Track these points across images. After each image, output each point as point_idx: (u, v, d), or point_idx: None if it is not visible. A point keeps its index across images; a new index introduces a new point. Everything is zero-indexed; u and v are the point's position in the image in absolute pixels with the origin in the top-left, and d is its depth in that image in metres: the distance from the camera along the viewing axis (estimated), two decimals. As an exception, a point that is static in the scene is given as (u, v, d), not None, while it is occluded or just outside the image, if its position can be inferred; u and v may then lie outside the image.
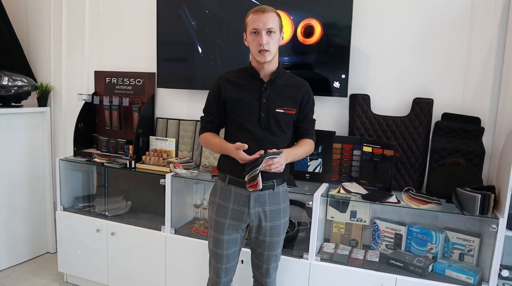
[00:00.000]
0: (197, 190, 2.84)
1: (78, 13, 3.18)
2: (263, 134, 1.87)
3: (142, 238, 2.64)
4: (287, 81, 1.94)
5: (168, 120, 2.91)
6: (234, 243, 1.96)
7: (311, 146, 2.00)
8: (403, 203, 2.17)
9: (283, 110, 1.89)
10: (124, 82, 3.03)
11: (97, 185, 3.20)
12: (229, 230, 1.93)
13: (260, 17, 1.79)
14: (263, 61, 1.83)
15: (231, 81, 1.92)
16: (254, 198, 1.89)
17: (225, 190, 1.94)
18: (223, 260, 1.96)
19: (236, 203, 1.91)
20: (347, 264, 2.22)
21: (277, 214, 1.95)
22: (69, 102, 3.29)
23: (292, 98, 1.92)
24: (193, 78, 2.74)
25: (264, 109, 1.87)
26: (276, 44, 1.85)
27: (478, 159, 2.22)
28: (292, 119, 1.94)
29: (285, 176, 1.99)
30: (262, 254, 1.99)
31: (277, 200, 1.95)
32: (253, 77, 1.90)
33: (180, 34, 2.71)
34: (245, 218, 1.92)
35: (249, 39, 1.86)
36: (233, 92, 1.90)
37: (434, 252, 2.26)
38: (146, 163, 2.74)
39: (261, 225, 1.93)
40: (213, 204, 1.98)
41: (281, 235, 1.99)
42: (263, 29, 1.79)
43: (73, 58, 3.26)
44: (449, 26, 2.28)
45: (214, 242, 1.97)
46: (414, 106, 2.32)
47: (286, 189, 2.02)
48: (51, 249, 3.38)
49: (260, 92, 1.88)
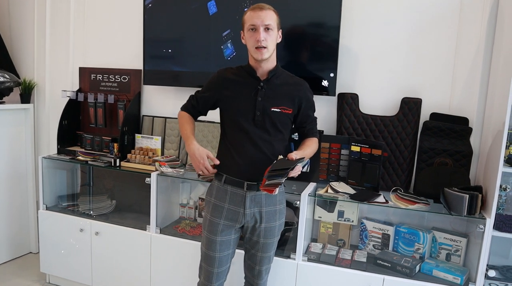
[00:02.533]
0: (183, 189, 2.80)
1: (63, 8, 3.11)
2: (258, 133, 1.84)
3: (127, 237, 2.59)
4: (285, 80, 1.91)
5: (154, 118, 2.87)
6: (227, 245, 1.92)
7: (317, 144, 1.98)
8: (391, 203, 2.16)
9: (279, 109, 1.86)
10: (109, 79, 2.97)
11: (81, 184, 3.13)
12: (223, 231, 1.90)
13: (258, 13, 1.77)
14: (260, 59, 1.80)
15: (229, 78, 1.90)
16: (250, 198, 1.86)
17: (221, 190, 1.90)
18: (215, 264, 1.92)
19: (232, 203, 1.88)
20: (334, 264, 2.20)
21: (273, 215, 1.92)
22: (53, 99, 3.22)
23: (289, 98, 1.89)
24: (180, 75, 2.70)
25: (259, 108, 1.84)
26: (274, 41, 1.83)
27: (465, 159, 2.22)
28: (289, 119, 1.91)
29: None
30: (255, 255, 1.96)
31: (274, 201, 1.92)
32: (250, 75, 1.87)
33: (167, 30, 2.66)
34: (240, 219, 1.88)
35: (246, 36, 1.83)
36: (229, 90, 1.88)
37: (422, 252, 2.25)
38: (131, 161, 2.69)
39: (256, 226, 1.90)
40: (209, 203, 1.95)
41: (276, 237, 1.96)
42: (261, 26, 1.77)
43: (57, 54, 3.19)
44: (438, 26, 2.28)
45: (207, 243, 1.92)
46: (402, 105, 2.31)
47: (283, 190, 1.98)
48: (33, 249, 3.31)
49: (256, 91, 1.85)
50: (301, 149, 1.89)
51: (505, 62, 2.01)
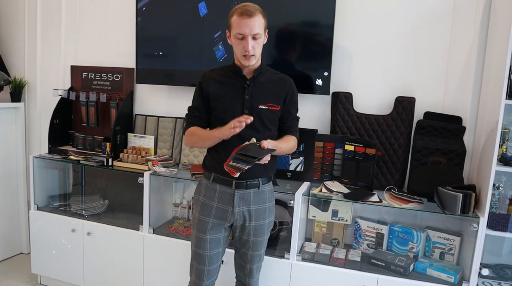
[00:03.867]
0: (176, 189, 2.78)
1: (54, 5, 3.07)
2: (246, 132, 1.81)
3: (120, 238, 2.56)
4: (271, 77, 1.91)
5: (147, 117, 2.84)
6: (217, 243, 1.91)
7: (295, 143, 1.95)
8: (385, 202, 2.16)
9: (267, 106, 1.86)
10: (101, 78, 2.94)
11: (73, 183, 3.10)
12: (212, 229, 1.89)
13: (246, 22, 1.73)
14: (248, 65, 1.82)
15: (214, 78, 1.89)
16: (238, 196, 1.85)
17: (210, 188, 1.89)
18: (206, 262, 1.91)
19: (220, 201, 1.87)
20: (328, 263, 2.19)
21: (262, 213, 1.91)
22: (44, 97, 3.18)
23: (275, 94, 1.89)
24: (173, 74, 2.67)
25: (247, 106, 1.84)
26: (261, 47, 1.83)
27: (459, 158, 2.22)
28: (277, 116, 1.90)
29: (270, 174, 1.95)
30: (245, 254, 1.95)
31: (262, 199, 1.91)
32: (236, 74, 1.87)
33: (160, 29, 2.64)
34: (229, 217, 1.87)
35: (233, 42, 1.82)
36: (216, 89, 1.87)
37: (416, 251, 2.25)
38: (124, 160, 2.66)
39: (245, 224, 1.89)
40: (197, 202, 1.94)
41: (265, 235, 1.96)
42: (249, 35, 1.75)
43: (48, 52, 3.14)
44: (431, 25, 2.28)
45: (197, 242, 1.92)
46: (396, 104, 2.31)
47: (271, 188, 1.98)
48: (24, 249, 3.27)
49: (243, 89, 1.85)
50: (277, 141, 1.85)
51: (498, 61, 2.01)
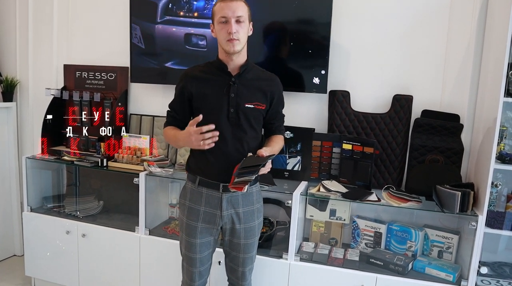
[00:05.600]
0: (172, 189, 2.75)
1: (46, 2, 3.01)
2: (233, 132, 1.78)
3: (115, 239, 2.53)
4: (257, 75, 1.86)
5: (142, 117, 2.80)
6: (207, 246, 1.89)
7: (283, 142, 1.96)
8: (383, 201, 2.14)
9: (253, 105, 1.80)
10: (95, 77, 2.89)
11: (67, 184, 3.05)
12: (201, 233, 1.85)
13: (229, 4, 1.71)
14: (232, 51, 1.74)
15: (197, 77, 1.83)
16: (226, 199, 1.81)
17: (196, 192, 1.84)
18: (197, 264, 1.89)
19: (208, 205, 1.83)
20: (327, 263, 2.18)
21: (251, 215, 1.88)
22: (36, 97, 3.12)
23: (262, 93, 1.83)
24: (168, 72, 2.64)
25: (232, 105, 1.78)
26: (246, 34, 1.77)
27: (456, 156, 2.21)
28: (262, 115, 1.85)
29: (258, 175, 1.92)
30: (237, 257, 1.91)
31: (251, 201, 1.88)
32: (220, 70, 1.81)
33: (155, 26, 2.60)
34: (217, 221, 1.84)
35: (217, 29, 1.76)
36: (199, 88, 1.81)
37: (414, 250, 2.24)
38: (118, 161, 2.62)
39: (234, 227, 1.85)
40: (184, 206, 1.90)
41: (256, 236, 1.92)
42: (232, 17, 1.70)
43: (40, 51, 3.09)
44: (429, 23, 2.27)
45: (187, 246, 1.89)
46: (394, 103, 2.30)
47: (259, 188, 1.94)
48: (18, 251, 3.23)
49: (228, 87, 1.79)
50: (270, 145, 1.84)
51: (495, 59, 2.00)
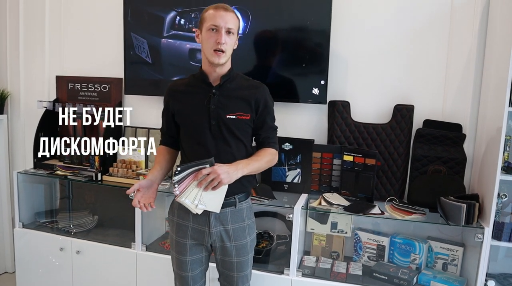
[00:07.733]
0: (169, 203, 2.65)
1: (38, 13, 2.94)
2: (217, 145, 1.71)
3: (111, 256, 2.45)
4: (240, 84, 1.78)
5: (137, 129, 2.74)
6: (198, 263, 1.83)
7: (273, 156, 1.79)
8: (387, 214, 2.09)
9: (235, 116, 1.72)
10: (88, 88, 2.83)
11: (60, 198, 2.97)
12: (191, 249, 1.79)
13: (222, 14, 1.65)
14: (217, 62, 1.67)
15: (178, 91, 1.79)
16: (214, 216, 1.74)
17: (183, 208, 1.73)
18: (189, 282, 1.83)
19: (196, 222, 1.76)
20: (329, 278, 2.13)
21: (242, 232, 1.80)
22: (28, 109, 3.04)
23: (245, 102, 1.74)
24: (163, 84, 2.58)
25: (213, 117, 1.71)
26: (232, 47, 1.72)
27: (459, 166, 2.18)
28: (249, 126, 1.77)
29: (248, 190, 1.85)
30: (231, 276, 1.83)
31: (241, 217, 1.79)
32: (202, 82, 1.75)
33: (149, 36, 2.55)
34: (206, 238, 1.77)
35: (204, 36, 1.69)
36: (181, 102, 1.77)
37: (418, 263, 2.20)
38: (113, 175, 2.55)
39: (225, 245, 1.78)
40: (172, 222, 1.84)
41: (249, 254, 1.84)
42: (223, 27, 1.65)
43: (32, 62, 3.01)
44: (429, 32, 2.24)
45: (177, 263, 1.83)
46: (395, 113, 2.26)
47: (250, 204, 1.86)
48: (9, 268, 3.13)
49: (209, 98, 1.73)
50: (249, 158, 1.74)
51: (497, 68, 1.98)
